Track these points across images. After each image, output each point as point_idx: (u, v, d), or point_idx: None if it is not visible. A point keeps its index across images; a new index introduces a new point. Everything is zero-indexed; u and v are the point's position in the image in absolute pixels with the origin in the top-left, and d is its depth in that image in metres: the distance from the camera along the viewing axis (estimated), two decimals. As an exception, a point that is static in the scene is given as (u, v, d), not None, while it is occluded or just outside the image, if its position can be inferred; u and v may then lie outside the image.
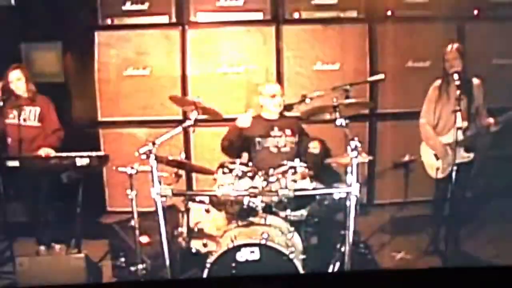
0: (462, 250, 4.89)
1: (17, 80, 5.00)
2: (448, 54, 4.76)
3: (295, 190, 3.98)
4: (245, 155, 4.98)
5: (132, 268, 4.33)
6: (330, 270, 4.42)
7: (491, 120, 4.70)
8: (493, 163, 5.95)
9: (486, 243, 5.09)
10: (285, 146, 4.86)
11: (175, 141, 5.32)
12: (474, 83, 4.79)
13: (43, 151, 4.82)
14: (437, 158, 4.85)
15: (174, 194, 3.97)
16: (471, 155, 4.74)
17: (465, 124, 4.68)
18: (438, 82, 4.87)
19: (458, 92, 4.45)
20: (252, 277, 3.76)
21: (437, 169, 4.84)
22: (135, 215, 4.26)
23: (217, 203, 4.25)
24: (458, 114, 4.39)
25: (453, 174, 4.39)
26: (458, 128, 4.42)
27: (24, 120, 5.02)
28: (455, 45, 4.85)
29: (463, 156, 4.69)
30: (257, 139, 4.85)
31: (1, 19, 5.61)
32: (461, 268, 4.31)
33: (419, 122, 4.95)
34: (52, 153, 4.85)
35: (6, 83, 4.99)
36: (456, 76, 4.54)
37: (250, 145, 4.88)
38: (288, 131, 4.88)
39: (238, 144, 4.80)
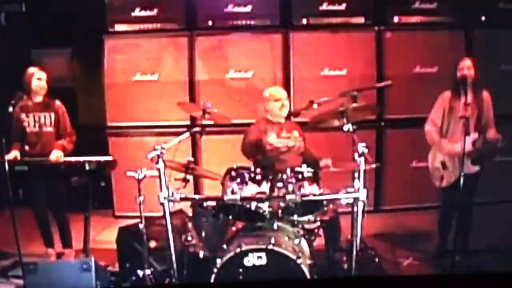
0: (470, 257, 4.86)
1: (40, 81, 5.03)
2: (462, 63, 4.76)
3: (302, 195, 3.99)
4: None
5: (140, 273, 4.34)
6: (337, 275, 4.42)
7: (499, 136, 4.69)
8: (499, 170, 5.94)
9: (494, 250, 5.06)
10: (293, 146, 4.86)
11: (183, 146, 5.34)
12: (485, 95, 4.79)
13: (54, 155, 4.84)
14: (444, 167, 4.83)
15: (182, 199, 3.99)
16: (477, 167, 4.73)
17: (475, 135, 4.68)
18: (448, 91, 4.85)
19: (468, 102, 4.46)
20: (259, 282, 3.76)
21: (442, 177, 4.83)
22: (143, 220, 4.28)
23: (224, 208, 4.26)
24: (467, 124, 4.39)
25: (460, 183, 4.36)
26: (466, 134, 4.41)
27: (40, 126, 5.05)
28: (469, 56, 4.87)
29: (470, 167, 4.68)
30: (269, 139, 4.85)
31: (12, 25, 5.67)
32: (469, 275, 4.30)
33: (426, 129, 4.94)
34: (62, 157, 4.88)
35: (26, 81, 5.01)
36: (467, 87, 4.57)
37: (262, 145, 4.87)
38: (295, 132, 4.90)
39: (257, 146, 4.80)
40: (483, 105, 4.75)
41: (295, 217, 4.26)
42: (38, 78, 5.01)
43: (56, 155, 4.85)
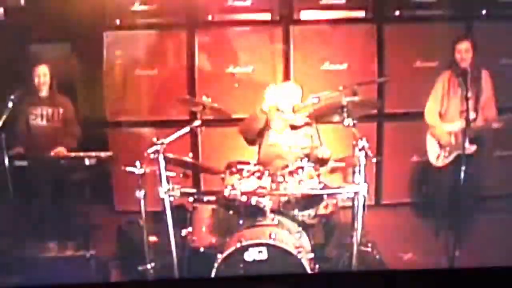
0: (470, 250, 4.87)
1: (43, 76, 5.06)
2: (460, 46, 4.80)
3: (303, 189, 3.99)
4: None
5: (140, 268, 4.35)
6: (337, 270, 4.43)
7: (496, 116, 4.74)
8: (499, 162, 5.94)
9: (494, 243, 5.06)
10: (295, 148, 4.84)
11: (183, 141, 5.34)
12: (483, 75, 4.83)
13: (56, 151, 4.86)
14: (441, 147, 4.89)
15: (182, 194, 3.99)
16: (474, 147, 4.77)
17: (473, 115, 4.70)
18: (447, 72, 4.90)
19: (467, 85, 4.49)
20: (260, 277, 3.77)
21: (438, 156, 4.87)
22: (143, 215, 4.28)
23: (224, 203, 4.26)
24: (466, 103, 4.43)
25: (456, 162, 4.42)
26: (467, 122, 4.45)
27: (48, 120, 5.07)
28: (467, 38, 4.90)
29: (466, 147, 4.70)
30: (271, 131, 4.84)
31: (10, 20, 5.65)
32: (469, 269, 4.30)
33: (425, 109, 4.98)
34: (64, 152, 4.90)
35: (30, 78, 5.04)
36: (466, 69, 4.60)
37: (263, 136, 4.86)
38: (300, 136, 4.86)
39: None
40: (481, 85, 4.79)
41: (296, 211, 4.27)
42: (40, 74, 5.03)
43: (57, 152, 4.86)
